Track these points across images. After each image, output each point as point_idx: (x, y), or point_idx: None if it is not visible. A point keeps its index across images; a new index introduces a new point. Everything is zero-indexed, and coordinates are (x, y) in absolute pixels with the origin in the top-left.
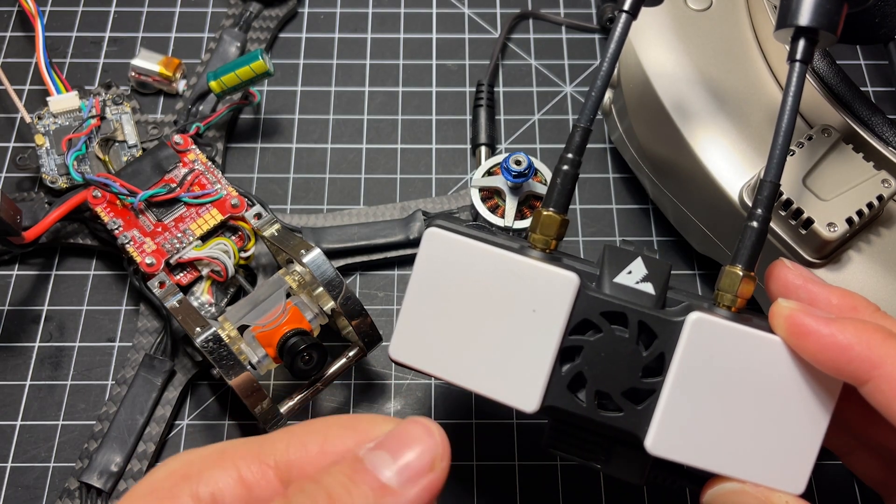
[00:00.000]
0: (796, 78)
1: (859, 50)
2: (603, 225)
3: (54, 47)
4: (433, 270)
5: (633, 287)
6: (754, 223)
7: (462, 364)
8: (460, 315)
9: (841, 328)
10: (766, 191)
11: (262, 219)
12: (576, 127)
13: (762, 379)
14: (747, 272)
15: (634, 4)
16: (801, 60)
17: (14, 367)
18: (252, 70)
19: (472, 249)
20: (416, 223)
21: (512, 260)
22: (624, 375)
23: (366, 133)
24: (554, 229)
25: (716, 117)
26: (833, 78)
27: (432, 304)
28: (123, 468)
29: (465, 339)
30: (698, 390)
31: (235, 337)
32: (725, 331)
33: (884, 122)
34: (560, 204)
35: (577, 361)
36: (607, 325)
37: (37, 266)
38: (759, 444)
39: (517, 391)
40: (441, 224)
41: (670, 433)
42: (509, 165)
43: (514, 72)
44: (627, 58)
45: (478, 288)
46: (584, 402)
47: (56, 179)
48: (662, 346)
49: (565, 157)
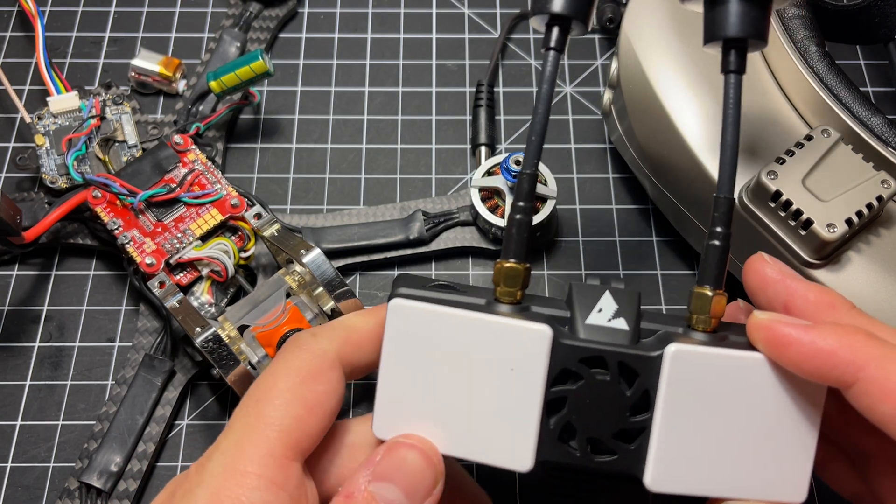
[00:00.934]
0: (733, 89)
1: (859, 50)
2: (603, 225)
3: (54, 47)
4: (404, 343)
5: (606, 326)
6: (716, 241)
7: (448, 434)
8: (438, 384)
9: (821, 334)
10: (721, 207)
11: (261, 219)
12: (522, 174)
13: (747, 397)
14: (717, 291)
15: (559, 40)
16: (735, 71)
17: (14, 367)
18: (252, 70)
19: (439, 317)
20: (415, 223)
21: (481, 321)
22: (612, 418)
23: (366, 133)
24: (519, 280)
25: (716, 118)
26: (833, 78)
27: (408, 378)
28: (123, 468)
29: (448, 408)
30: (687, 420)
31: (235, 337)
32: (704, 358)
33: (883, 122)
34: (520, 254)
35: (564, 412)
36: (587, 370)
37: (37, 266)
38: (756, 462)
39: (509, 452)
40: (404, 293)
41: (667, 467)
42: (509, 165)
43: (514, 72)
44: (627, 58)
45: (452, 354)
46: (578, 451)
47: (56, 179)
48: (645, 382)
49: (517, 205)
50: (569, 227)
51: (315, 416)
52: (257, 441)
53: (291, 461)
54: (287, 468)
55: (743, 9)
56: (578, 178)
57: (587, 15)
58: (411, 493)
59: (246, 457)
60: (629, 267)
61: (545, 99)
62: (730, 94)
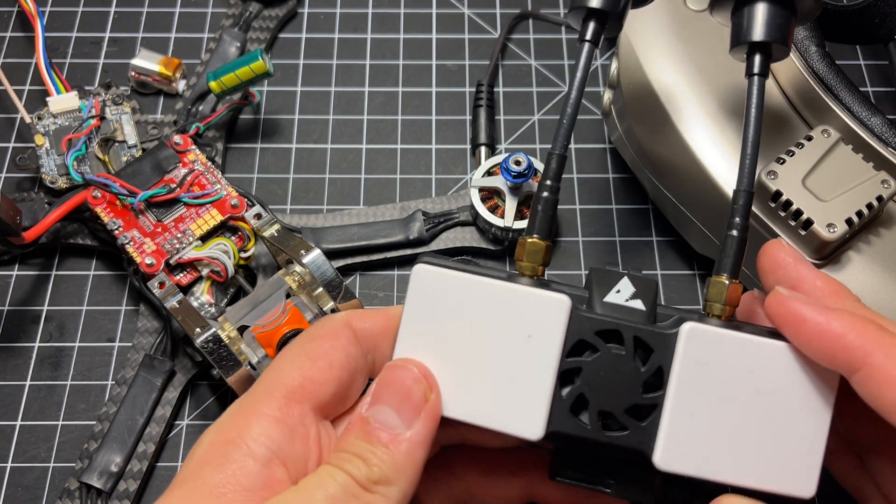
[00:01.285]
0: (756, 91)
1: (859, 50)
2: (603, 225)
3: (54, 48)
4: (424, 306)
5: (624, 305)
6: (734, 232)
7: (461, 398)
8: (456, 349)
9: (836, 317)
10: (741, 199)
11: (261, 219)
12: (551, 154)
13: (761, 383)
14: (733, 280)
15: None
16: (760, 74)
17: (14, 368)
18: (252, 70)
19: (461, 282)
20: (415, 223)
21: (503, 288)
22: (625, 393)
23: (366, 133)
24: (540, 256)
25: (715, 117)
26: (833, 78)
27: (427, 341)
28: (123, 468)
29: (463, 372)
30: (699, 400)
31: (235, 337)
32: (719, 338)
33: (883, 122)
34: (543, 230)
35: (577, 383)
36: (603, 343)
37: (37, 266)
38: (766, 449)
39: (520, 420)
40: (428, 260)
41: (677, 446)
42: (509, 166)
43: (514, 72)
44: (627, 58)
45: (471, 320)
46: (589, 424)
47: (56, 180)
48: (660, 359)
49: (544, 184)
50: (569, 227)
51: (318, 365)
52: (261, 387)
53: (294, 402)
54: (287, 406)
55: (769, 16)
56: (578, 178)
57: (622, 15)
58: (401, 409)
59: (251, 399)
60: (629, 267)
61: (578, 86)
62: (753, 96)
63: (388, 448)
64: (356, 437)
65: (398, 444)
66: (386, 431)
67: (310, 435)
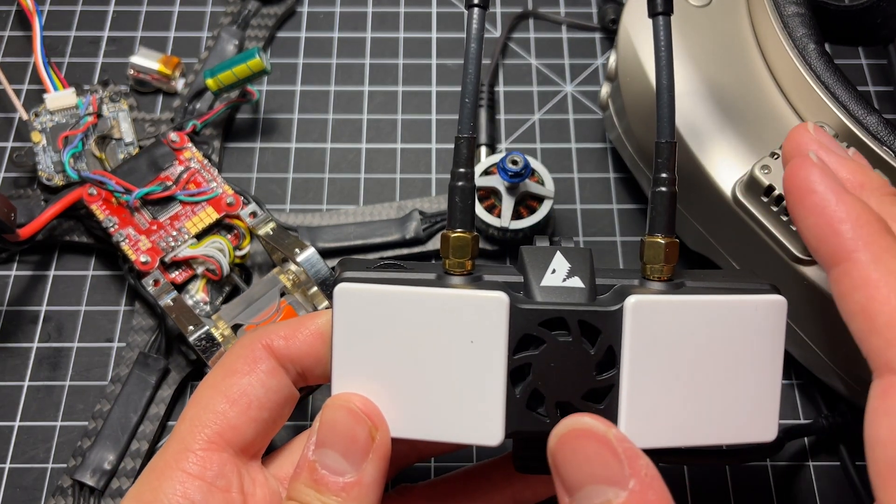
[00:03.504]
0: (663, 31)
1: (860, 50)
2: (603, 225)
3: (53, 47)
4: (354, 329)
5: (562, 286)
6: (662, 188)
7: (413, 416)
8: (397, 367)
9: (845, 201)
10: (664, 153)
11: (257, 217)
12: (459, 139)
13: (710, 342)
14: (668, 237)
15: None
16: (664, 13)
17: (12, 368)
18: (249, 68)
19: (388, 297)
20: (412, 223)
21: (434, 295)
22: (579, 379)
23: (365, 133)
24: (468, 250)
25: (713, 114)
26: (829, 76)
27: (364, 367)
28: (116, 466)
29: (409, 389)
30: (654, 371)
31: (229, 335)
32: (665, 305)
33: (879, 121)
34: (466, 222)
35: (530, 378)
36: (548, 333)
37: (35, 266)
38: (725, 405)
39: (477, 428)
40: (348, 276)
41: (639, 421)
42: (506, 165)
43: (514, 71)
44: (626, 51)
45: (407, 335)
46: (548, 417)
47: (52, 177)
48: (609, 339)
49: (457, 172)
50: (569, 227)
51: (238, 407)
52: (177, 440)
53: (213, 452)
54: (206, 459)
55: None
56: (579, 178)
57: None
58: (348, 453)
59: (169, 453)
60: (629, 267)
61: (474, 58)
62: (660, 37)
63: (338, 496)
64: (305, 485)
65: (349, 490)
66: (335, 476)
67: (231, 486)
